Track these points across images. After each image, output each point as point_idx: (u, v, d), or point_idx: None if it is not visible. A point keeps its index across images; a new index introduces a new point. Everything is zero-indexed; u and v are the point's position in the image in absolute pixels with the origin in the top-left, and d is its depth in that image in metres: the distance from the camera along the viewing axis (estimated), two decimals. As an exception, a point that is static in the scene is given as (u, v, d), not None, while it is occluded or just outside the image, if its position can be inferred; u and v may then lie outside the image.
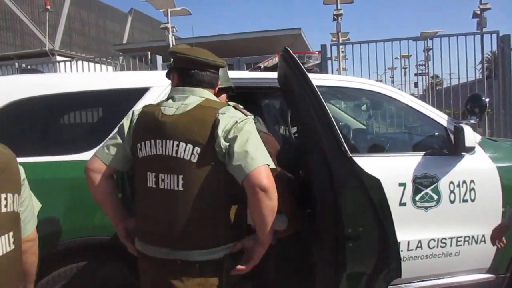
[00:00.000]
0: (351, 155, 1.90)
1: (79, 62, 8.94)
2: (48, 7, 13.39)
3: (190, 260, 1.65)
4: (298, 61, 2.07)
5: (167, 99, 1.82)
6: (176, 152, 1.66)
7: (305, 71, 2.05)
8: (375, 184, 1.87)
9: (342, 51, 12.00)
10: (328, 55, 7.49)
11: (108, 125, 2.49)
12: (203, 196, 1.66)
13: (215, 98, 1.84)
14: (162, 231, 1.69)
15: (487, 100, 3.04)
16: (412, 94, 9.30)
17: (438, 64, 7.23)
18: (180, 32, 15.39)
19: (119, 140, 1.81)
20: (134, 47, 17.75)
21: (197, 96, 1.78)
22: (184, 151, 1.65)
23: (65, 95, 2.55)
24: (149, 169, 1.72)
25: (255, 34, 18.42)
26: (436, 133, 3.00)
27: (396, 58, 8.32)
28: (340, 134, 1.93)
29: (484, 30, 9.49)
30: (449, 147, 2.89)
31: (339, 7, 12.65)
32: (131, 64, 9.06)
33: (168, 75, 1.97)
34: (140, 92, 2.57)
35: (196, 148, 1.65)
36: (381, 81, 9.34)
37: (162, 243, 1.69)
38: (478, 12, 10.14)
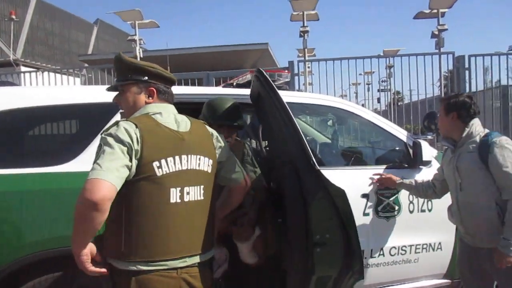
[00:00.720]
0: (318, 168, 2.05)
1: (45, 73, 8.79)
2: (13, 16, 13.10)
3: (205, 261, 1.84)
4: (271, 82, 2.22)
5: (153, 114, 1.82)
6: (199, 165, 1.83)
7: (277, 91, 2.20)
8: (340, 194, 2.02)
9: (309, 67, 12.33)
10: (296, 71, 7.72)
11: (82, 137, 2.58)
12: (214, 202, 1.92)
13: None
14: (184, 241, 1.77)
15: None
16: (375, 109, 9.71)
17: (399, 80, 7.62)
18: (147, 45, 15.36)
19: (127, 161, 1.65)
20: (100, 58, 17.52)
21: (174, 113, 1.90)
22: (204, 163, 1.85)
23: (45, 108, 2.60)
24: (173, 185, 1.74)
25: (223, 48, 18.54)
26: (397, 148, 3.22)
27: (360, 74, 8.66)
28: (309, 149, 2.09)
29: (442, 50, 10.07)
30: (408, 161, 3.11)
31: (305, 24, 13.09)
32: (99, 76, 9.00)
33: (122, 89, 1.90)
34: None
35: (210, 160, 1.88)
36: (345, 96, 9.67)
37: (184, 253, 1.77)
38: (436, 32, 10.74)
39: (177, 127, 1.83)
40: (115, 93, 1.94)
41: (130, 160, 1.65)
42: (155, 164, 1.70)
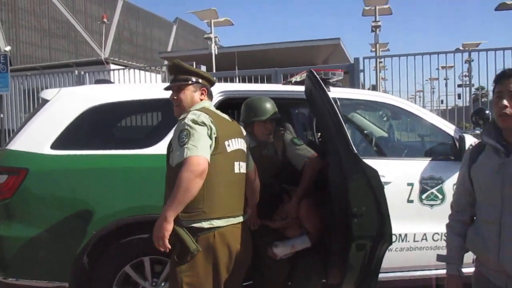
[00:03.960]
0: (356, 152, 2.39)
1: (131, 70, 9.78)
2: (105, 19, 14.52)
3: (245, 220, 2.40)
4: (320, 81, 2.59)
5: (209, 107, 2.38)
6: (242, 145, 2.39)
7: (325, 89, 2.56)
8: (374, 174, 2.34)
9: (381, 62, 12.30)
10: (361, 67, 7.84)
11: (163, 127, 3.13)
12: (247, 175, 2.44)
13: None
14: (240, 203, 2.34)
15: (489, 113, 3.43)
16: (457, 105, 9.41)
17: (482, 75, 7.32)
18: (222, 41, 16.10)
19: (209, 141, 2.17)
20: (178, 55, 18.65)
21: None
22: (243, 144, 2.40)
23: (132, 102, 3.20)
24: (236, 159, 2.31)
25: (295, 43, 18.74)
26: (444, 141, 3.42)
27: (437, 69, 8.32)
28: (349, 137, 2.43)
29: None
30: (454, 153, 3.31)
31: (377, 19, 13.02)
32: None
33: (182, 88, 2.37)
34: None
35: (244, 141, 2.43)
36: (422, 91, 9.40)
37: (240, 211, 2.34)
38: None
39: (224, 117, 2.38)
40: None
41: (211, 139, 2.17)
42: (226, 143, 2.25)
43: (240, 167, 2.34)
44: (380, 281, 3.21)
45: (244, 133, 2.52)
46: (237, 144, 2.34)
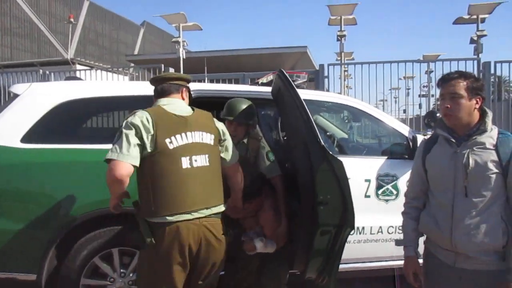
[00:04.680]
0: (323, 144, 2.54)
1: (98, 71, 9.71)
2: (72, 19, 14.31)
3: (217, 213, 2.39)
4: (291, 80, 2.75)
5: (163, 105, 2.41)
6: (202, 139, 2.38)
7: (295, 87, 2.73)
8: (339, 164, 2.51)
9: (346, 70, 12.64)
10: (325, 74, 8.13)
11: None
12: (218, 167, 2.46)
13: None
14: (199, 197, 2.31)
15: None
16: (417, 115, 9.81)
17: None
18: (190, 46, 16.15)
19: (138, 141, 2.21)
20: (145, 58, 18.51)
21: (182, 105, 2.51)
22: (206, 137, 2.40)
23: (103, 98, 3.27)
24: (184, 154, 2.29)
25: (263, 50, 18.98)
26: (400, 141, 3.68)
27: (400, 79, 8.69)
28: (317, 131, 2.59)
29: (474, 55, 10.15)
30: (409, 153, 3.56)
31: (342, 29, 13.45)
32: (145, 74, 9.80)
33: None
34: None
35: (211, 135, 2.43)
36: (386, 100, 9.84)
37: (201, 205, 2.31)
38: (475, 38, 10.80)
39: (181, 113, 2.39)
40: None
41: (142, 140, 2.22)
42: (167, 140, 2.27)
43: (191, 162, 2.31)
44: (339, 271, 3.43)
45: (216, 126, 2.51)
46: (185, 139, 2.32)
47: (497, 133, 2.02)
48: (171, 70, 8.93)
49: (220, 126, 2.57)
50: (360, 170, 3.46)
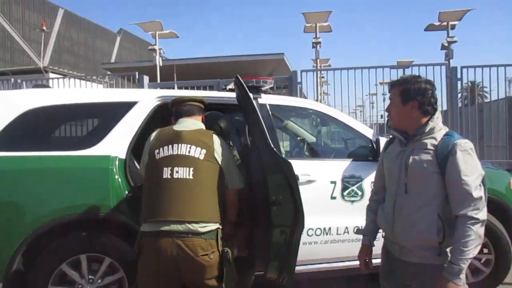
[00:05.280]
0: (272, 146, 2.54)
1: (71, 80, 9.62)
2: (44, 27, 14.13)
3: (197, 231, 2.27)
4: (245, 86, 2.79)
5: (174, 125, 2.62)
6: (189, 152, 2.41)
7: (249, 93, 2.78)
8: (287, 165, 2.52)
9: (323, 77, 12.74)
10: (299, 80, 8.25)
11: (102, 129, 3.24)
12: (207, 182, 2.39)
13: None
14: (175, 208, 2.29)
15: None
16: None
17: None
18: (167, 54, 16.14)
19: (145, 155, 2.54)
20: (122, 67, 18.37)
21: (190, 123, 2.64)
22: (195, 151, 2.41)
23: (71, 106, 3.28)
24: (165, 165, 2.37)
25: (241, 57, 19.06)
26: (364, 144, 3.79)
27: (376, 84, 8.87)
28: (267, 134, 2.60)
29: (444, 60, 10.44)
30: (373, 155, 3.67)
31: (318, 36, 13.67)
32: (120, 82, 9.75)
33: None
34: (130, 105, 3.29)
35: (202, 150, 2.43)
36: (364, 106, 10.04)
37: (175, 217, 2.27)
38: (446, 44, 11.12)
39: (180, 128, 2.54)
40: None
41: (145, 153, 2.55)
42: (156, 151, 2.46)
43: (172, 172, 2.34)
44: (306, 272, 3.50)
45: (213, 143, 2.50)
46: (171, 150, 2.41)
47: (442, 134, 2.11)
48: (145, 78, 8.91)
49: (217, 145, 2.51)
50: (326, 172, 3.56)
